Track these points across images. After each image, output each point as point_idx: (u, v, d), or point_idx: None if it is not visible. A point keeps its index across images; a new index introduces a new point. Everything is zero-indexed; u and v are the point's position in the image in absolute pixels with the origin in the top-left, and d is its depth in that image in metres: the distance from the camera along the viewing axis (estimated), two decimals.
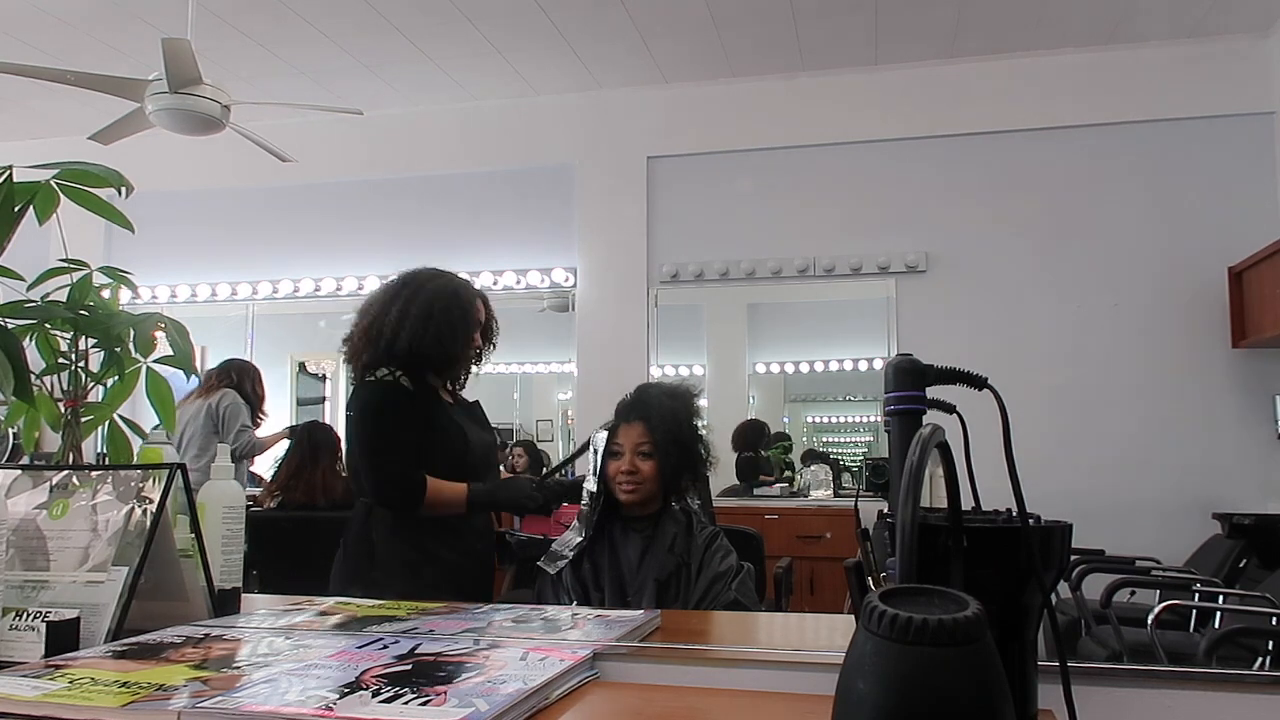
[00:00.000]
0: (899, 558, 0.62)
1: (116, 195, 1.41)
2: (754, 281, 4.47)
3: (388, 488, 1.99)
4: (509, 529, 3.52)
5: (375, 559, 1.99)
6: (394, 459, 1.99)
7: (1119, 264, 4.06)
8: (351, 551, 2.04)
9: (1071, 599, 2.86)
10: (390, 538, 2.00)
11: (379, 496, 2.00)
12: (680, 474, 1.88)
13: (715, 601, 1.76)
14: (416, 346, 2.03)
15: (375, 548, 2.00)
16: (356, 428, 2.03)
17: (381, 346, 2.04)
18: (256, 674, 0.81)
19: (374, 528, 2.02)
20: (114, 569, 1.02)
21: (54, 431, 1.41)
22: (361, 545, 2.02)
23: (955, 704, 0.52)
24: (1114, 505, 3.82)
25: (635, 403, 1.91)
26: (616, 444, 1.87)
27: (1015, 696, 0.63)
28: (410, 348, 2.02)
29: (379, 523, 2.02)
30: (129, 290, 1.50)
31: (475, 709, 0.71)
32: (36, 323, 1.35)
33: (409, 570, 1.96)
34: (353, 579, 1.97)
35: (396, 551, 1.99)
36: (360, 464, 2.02)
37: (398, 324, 2.03)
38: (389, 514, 2.02)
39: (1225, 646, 2.43)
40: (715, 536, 1.86)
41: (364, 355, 2.06)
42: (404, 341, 2.02)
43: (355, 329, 2.10)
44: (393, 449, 1.99)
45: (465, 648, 0.93)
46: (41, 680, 0.79)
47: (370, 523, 2.03)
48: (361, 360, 2.07)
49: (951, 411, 0.82)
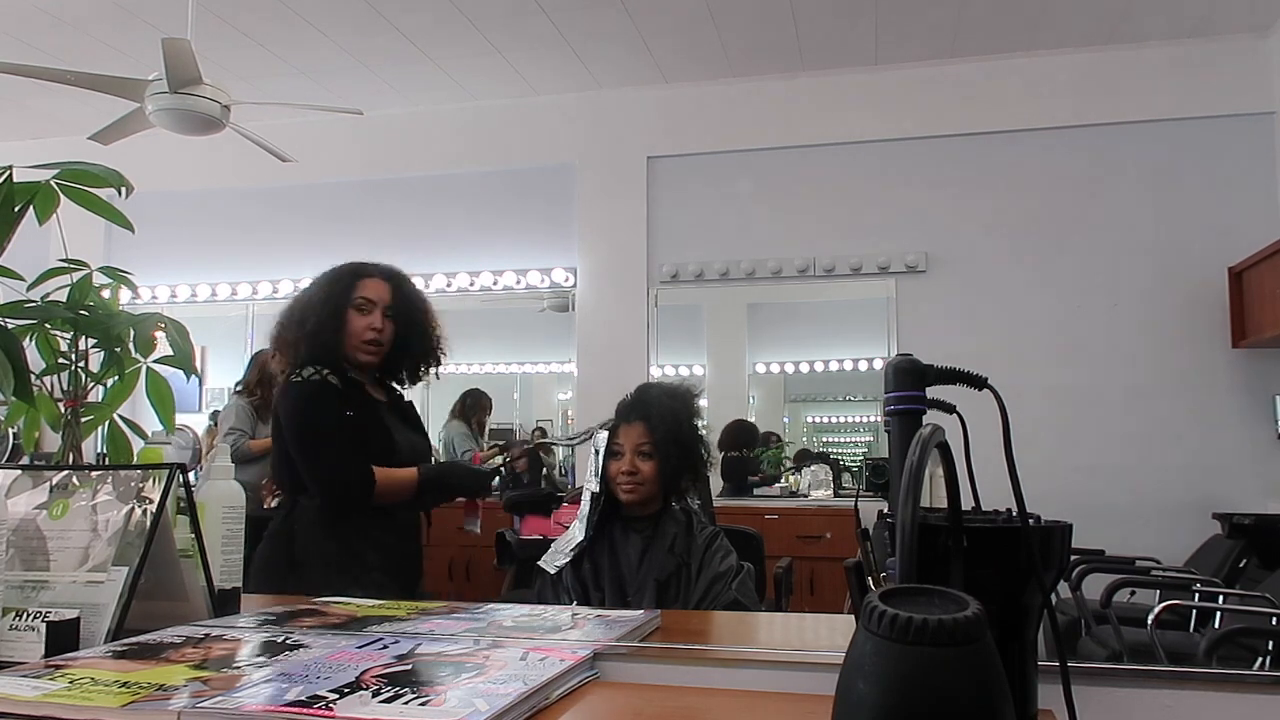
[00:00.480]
0: (899, 558, 0.62)
1: (116, 195, 1.41)
2: (754, 281, 4.47)
3: (336, 484, 1.91)
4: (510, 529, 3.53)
5: (294, 558, 1.90)
6: (336, 453, 1.91)
7: (1118, 264, 4.06)
8: (268, 550, 1.93)
9: (1071, 599, 2.86)
10: (312, 535, 1.91)
11: (329, 493, 1.92)
12: (680, 474, 1.88)
13: (715, 601, 1.76)
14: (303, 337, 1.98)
15: (294, 545, 1.91)
16: (290, 429, 1.95)
17: (291, 345, 2.00)
18: (256, 674, 0.81)
19: (295, 523, 1.93)
20: (114, 569, 1.02)
21: (54, 431, 1.41)
22: (280, 544, 1.93)
23: (955, 704, 0.52)
24: (1114, 505, 3.82)
25: (635, 403, 1.91)
26: (617, 444, 1.87)
27: (1015, 696, 0.63)
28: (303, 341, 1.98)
29: (300, 520, 1.93)
30: (129, 290, 1.50)
31: (475, 709, 0.71)
32: (36, 323, 1.35)
33: (331, 569, 1.87)
34: (269, 579, 1.87)
35: (319, 550, 1.89)
36: (301, 464, 1.93)
37: (288, 320, 2.01)
38: (311, 512, 1.93)
39: (1225, 646, 2.43)
40: (715, 536, 1.86)
41: (286, 358, 2.01)
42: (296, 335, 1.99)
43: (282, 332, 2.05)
44: (333, 443, 1.92)
45: (465, 648, 0.93)
46: (41, 680, 0.79)
47: (290, 519, 1.95)
48: (285, 364, 2.01)
49: (951, 411, 0.81)
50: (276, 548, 1.93)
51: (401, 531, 2.02)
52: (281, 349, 2.03)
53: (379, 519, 1.96)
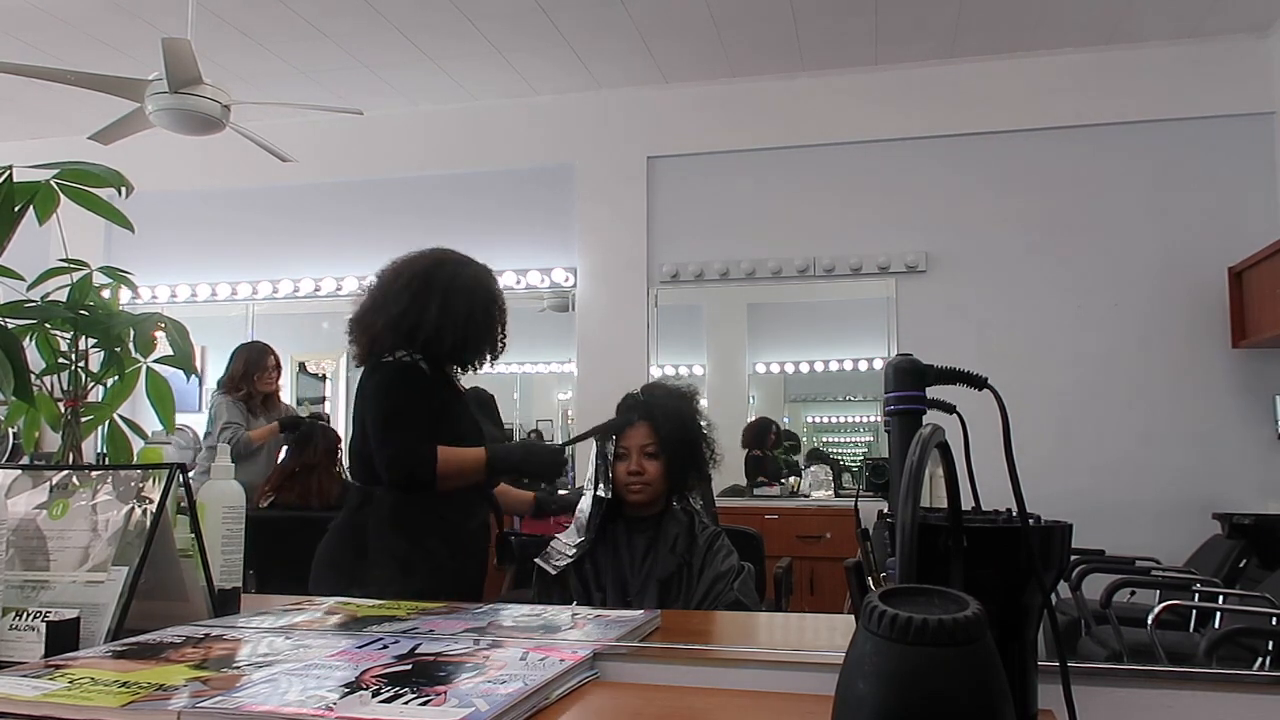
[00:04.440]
0: (899, 558, 0.62)
1: (116, 195, 1.41)
2: (754, 281, 4.47)
3: (397, 463, 1.88)
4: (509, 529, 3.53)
5: (367, 552, 1.88)
6: (405, 434, 1.88)
7: (1119, 264, 4.06)
8: (337, 543, 1.93)
9: (1071, 599, 2.86)
10: (384, 530, 1.89)
11: (392, 470, 1.88)
12: (687, 473, 1.89)
13: (717, 601, 1.76)
14: (456, 341, 1.97)
15: (368, 539, 1.89)
16: (371, 405, 1.92)
17: (404, 332, 1.95)
18: (256, 674, 0.81)
19: (369, 518, 1.91)
20: (114, 569, 1.02)
21: (54, 431, 1.41)
22: (351, 536, 1.91)
23: (955, 704, 0.52)
24: (1114, 505, 3.82)
25: (638, 404, 1.91)
26: (622, 447, 1.87)
27: (1015, 696, 0.63)
28: (448, 342, 1.96)
29: (374, 514, 1.91)
30: (129, 290, 1.50)
31: (475, 709, 0.71)
32: (36, 323, 1.35)
33: (400, 567, 1.85)
34: (338, 573, 1.87)
35: (389, 545, 1.88)
36: (373, 440, 1.90)
37: (439, 318, 1.95)
38: (385, 506, 1.91)
39: (1225, 646, 2.43)
40: (717, 537, 1.86)
41: (384, 340, 1.96)
42: (441, 335, 1.95)
43: (376, 316, 1.98)
44: (406, 425, 1.89)
45: (465, 648, 0.93)
46: (41, 680, 0.79)
47: (365, 512, 1.92)
48: (378, 344, 1.96)
49: (951, 411, 0.82)
50: (344, 540, 1.92)
51: (470, 540, 1.99)
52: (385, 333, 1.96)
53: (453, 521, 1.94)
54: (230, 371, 4.15)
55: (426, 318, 1.95)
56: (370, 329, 1.99)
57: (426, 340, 1.96)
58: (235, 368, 4.14)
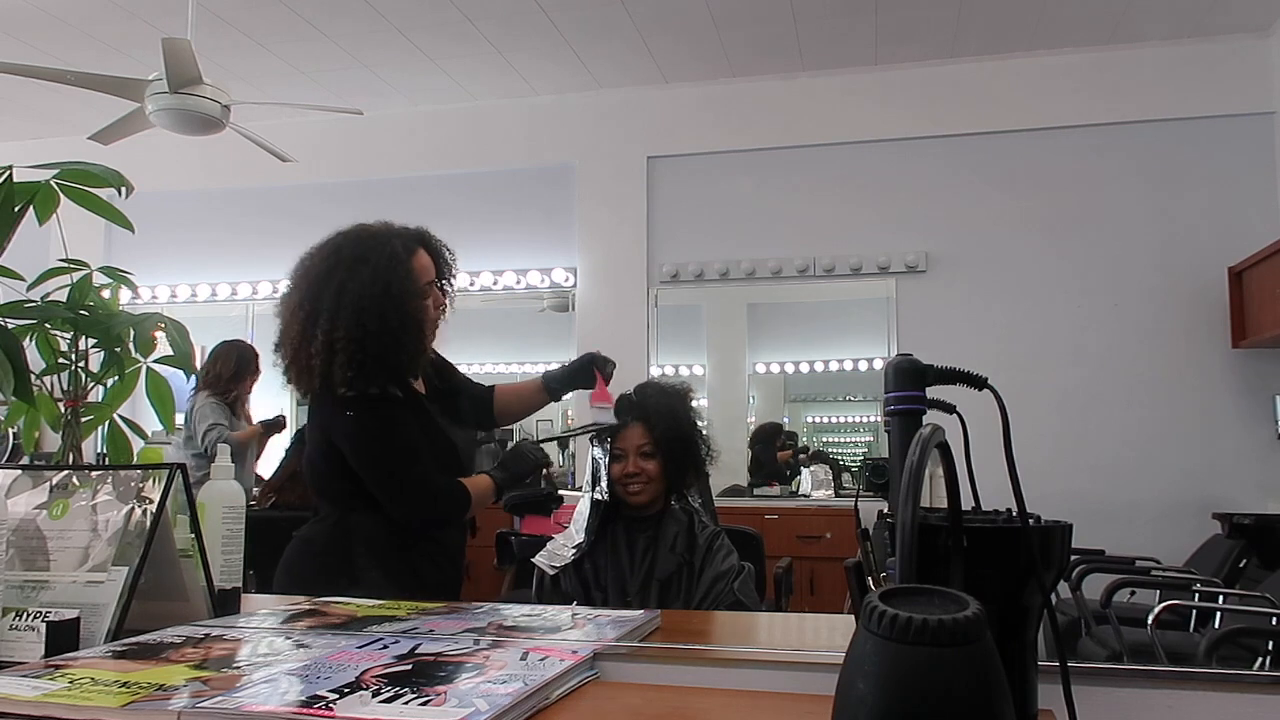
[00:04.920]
0: (899, 558, 0.62)
1: (116, 195, 1.41)
2: (754, 281, 4.47)
3: (438, 503, 1.78)
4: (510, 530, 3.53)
5: (358, 580, 1.73)
6: (430, 471, 1.78)
7: (1119, 264, 4.06)
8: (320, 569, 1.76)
9: (1071, 599, 2.86)
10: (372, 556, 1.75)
11: (427, 511, 1.78)
12: (685, 470, 1.88)
13: (717, 601, 1.76)
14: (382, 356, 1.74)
15: (355, 566, 1.75)
16: (365, 453, 1.75)
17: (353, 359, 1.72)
18: (256, 674, 0.81)
19: (353, 545, 1.76)
20: (114, 569, 1.02)
21: (54, 431, 1.41)
22: (336, 561, 1.75)
23: (955, 704, 0.52)
24: (1114, 505, 3.82)
25: (632, 404, 1.91)
26: (618, 448, 1.87)
27: (1015, 696, 0.63)
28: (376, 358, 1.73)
29: (359, 540, 1.76)
30: (129, 290, 1.50)
31: (475, 709, 0.71)
32: (36, 323, 1.36)
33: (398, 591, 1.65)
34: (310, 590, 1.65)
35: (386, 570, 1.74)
36: (385, 487, 1.75)
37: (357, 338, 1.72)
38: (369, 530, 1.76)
39: (1225, 646, 2.43)
40: (717, 536, 1.86)
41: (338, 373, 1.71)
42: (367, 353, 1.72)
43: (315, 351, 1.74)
44: (419, 461, 1.77)
45: (465, 648, 0.93)
46: (41, 680, 0.79)
47: (348, 541, 1.76)
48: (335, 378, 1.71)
49: (951, 411, 0.81)
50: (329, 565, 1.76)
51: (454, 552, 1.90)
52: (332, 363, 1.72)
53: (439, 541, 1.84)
54: (217, 371, 4.00)
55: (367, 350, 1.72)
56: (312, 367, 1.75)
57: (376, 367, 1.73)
58: (224, 368, 4.01)
